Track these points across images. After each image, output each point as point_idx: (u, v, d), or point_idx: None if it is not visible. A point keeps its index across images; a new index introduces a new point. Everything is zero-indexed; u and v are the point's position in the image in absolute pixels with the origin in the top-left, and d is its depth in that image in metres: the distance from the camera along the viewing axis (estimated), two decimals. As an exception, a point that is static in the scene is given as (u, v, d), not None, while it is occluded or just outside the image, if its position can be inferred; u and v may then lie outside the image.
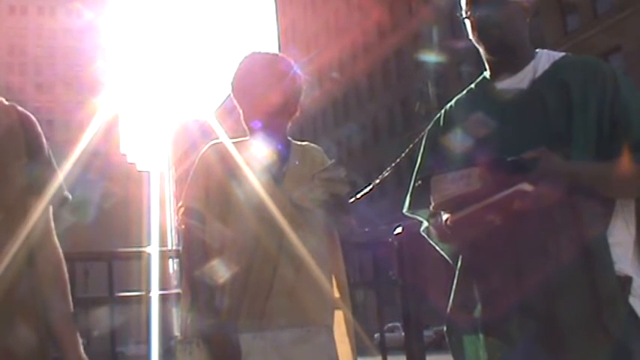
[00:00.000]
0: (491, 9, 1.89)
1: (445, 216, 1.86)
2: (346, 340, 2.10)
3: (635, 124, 1.77)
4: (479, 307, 1.85)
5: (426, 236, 2.08)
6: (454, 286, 1.95)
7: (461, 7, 1.97)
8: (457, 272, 1.96)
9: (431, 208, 1.85)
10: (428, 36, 37.27)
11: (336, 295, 2.12)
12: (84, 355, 1.70)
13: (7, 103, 1.78)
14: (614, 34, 24.68)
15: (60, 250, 1.77)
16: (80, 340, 1.71)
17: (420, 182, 1.98)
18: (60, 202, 1.77)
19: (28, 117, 1.77)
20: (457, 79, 31.96)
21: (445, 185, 1.77)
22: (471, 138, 1.92)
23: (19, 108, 1.77)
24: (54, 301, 1.69)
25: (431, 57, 34.85)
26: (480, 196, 1.71)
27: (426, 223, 2.06)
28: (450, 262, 2.04)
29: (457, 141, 1.95)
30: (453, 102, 2.08)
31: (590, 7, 26.74)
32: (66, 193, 1.77)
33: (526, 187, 1.67)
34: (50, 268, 1.72)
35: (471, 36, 1.96)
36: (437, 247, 2.07)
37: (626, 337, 1.67)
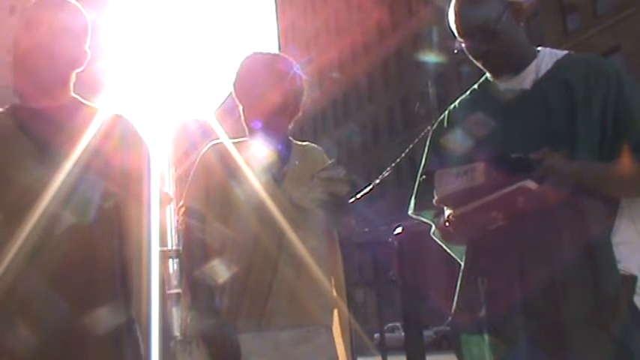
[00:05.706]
0: (485, 41, 1.87)
1: (447, 212, 1.85)
2: (342, 340, 2.10)
3: (638, 123, 1.76)
4: (484, 307, 1.84)
5: (436, 239, 2.06)
6: (458, 287, 1.94)
7: (454, 35, 1.96)
8: (461, 272, 1.95)
9: (434, 201, 1.84)
10: (428, 36, 37.23)
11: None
12: None
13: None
14: (614, 34, 24.68)
15: None
16: None
17: (424, 177, 1.98)
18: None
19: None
20: (457, 79, 31.94)
21: (449, 179, 1.77)
22: (474, 138, 1.91)
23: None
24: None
25: (431, 57, 34.81)
26: (483, 191, 1.71)
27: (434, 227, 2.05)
28: (461, 263, 2.02)
29: (461, 141, 1.95)
30: (457, 102, 2.08)
31: (590, 7, 26.72)
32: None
33: (530, 184, 1.67)
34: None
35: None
36: (447, 249, 2.06)
37: (628, 336, 1.67)
